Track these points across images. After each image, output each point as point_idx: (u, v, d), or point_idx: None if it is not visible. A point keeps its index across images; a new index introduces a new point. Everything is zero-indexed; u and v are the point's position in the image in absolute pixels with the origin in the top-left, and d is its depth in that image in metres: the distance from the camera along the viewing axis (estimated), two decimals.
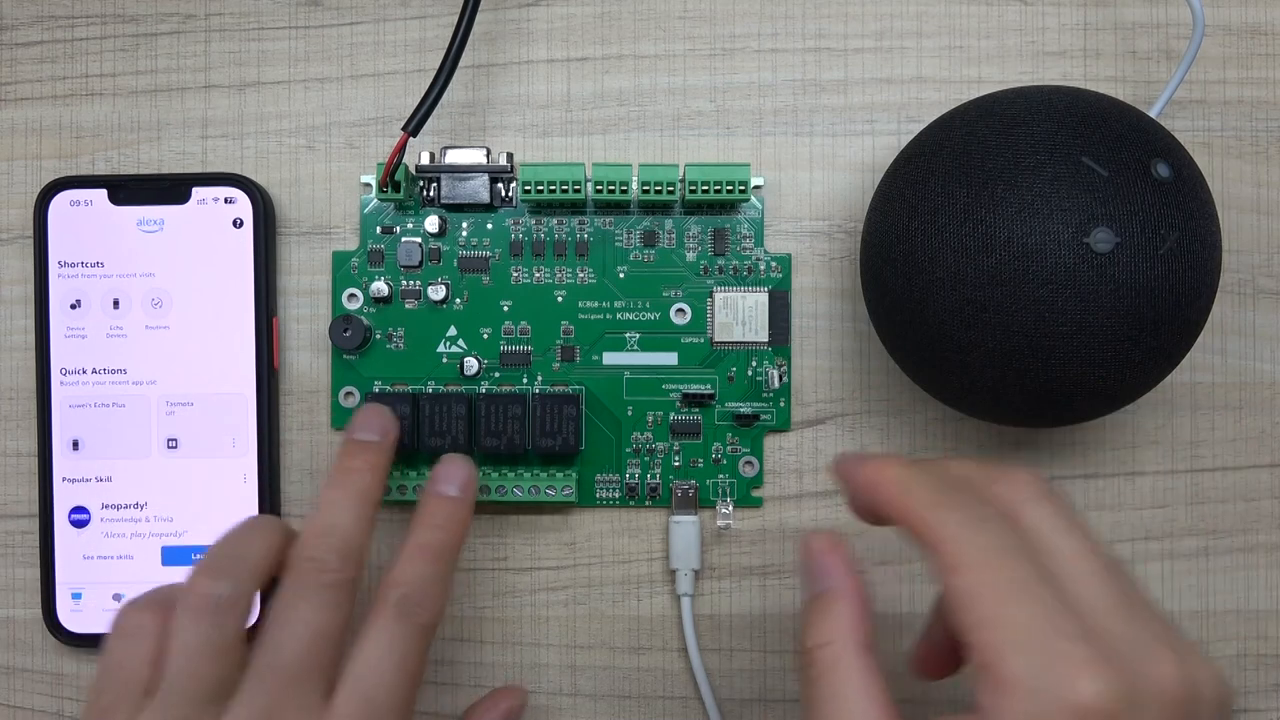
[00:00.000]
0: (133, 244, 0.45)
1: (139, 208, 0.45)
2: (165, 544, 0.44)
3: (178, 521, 0.44)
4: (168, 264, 0.44)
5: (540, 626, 0.45)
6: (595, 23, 0.46)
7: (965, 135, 0.38)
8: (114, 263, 0.45)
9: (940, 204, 0.37)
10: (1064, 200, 0.35)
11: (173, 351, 0.44)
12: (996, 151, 0.36)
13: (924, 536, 0.31)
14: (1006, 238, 0.35)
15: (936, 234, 0.37)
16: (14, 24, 0.46)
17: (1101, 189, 0.35)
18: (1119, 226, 0.35)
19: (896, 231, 0.38)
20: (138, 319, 0.44)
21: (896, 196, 0.39)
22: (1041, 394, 0.37)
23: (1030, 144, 0.36)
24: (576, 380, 0.45)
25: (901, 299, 0.38)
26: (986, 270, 0.36)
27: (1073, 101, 0.37)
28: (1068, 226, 0.35)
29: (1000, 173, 0.36)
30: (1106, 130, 0.36)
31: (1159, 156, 0.36)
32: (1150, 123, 0.38)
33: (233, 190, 0.44)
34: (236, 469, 0.44)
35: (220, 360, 0.44)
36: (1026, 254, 0.35)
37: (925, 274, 0.37)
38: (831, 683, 0.31)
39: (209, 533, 0.44)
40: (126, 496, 0.45)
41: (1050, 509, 0.31)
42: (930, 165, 0.38)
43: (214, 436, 0.44)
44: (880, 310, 0.40)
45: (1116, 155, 0.36)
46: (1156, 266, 0.35)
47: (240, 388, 0.44)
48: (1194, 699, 0.29)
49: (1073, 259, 0.35)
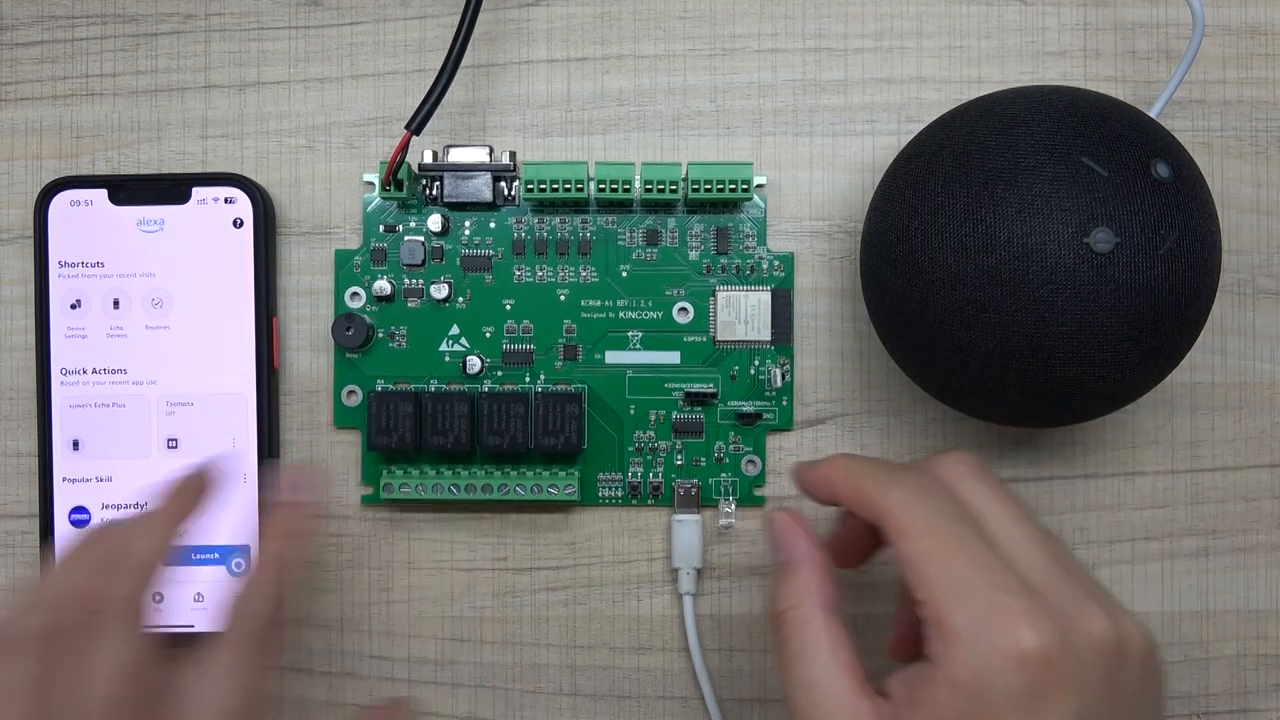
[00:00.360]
0: (133, 244, 0.44)
1: (139, 208, 0.44)
2: None
3: None
4: (168, 264, 0.44)
5: (540, 626, 0.45)
6: (595, 23, 0.46)
7: (965, 135, 0.38)
8: (114, 263, 0.44)
9: (940, 204, 0.37)
10: (1064, 200, 0.35)
11: (173, 351, 0.44)
12: (996, 151, 0.36)
13: (874, 510, 0.33)
14: (1006, 238, 0.35)
15: (936, 234, 0.37)
16: (14, 24, 0.46)
17: (1101, 189, 0.35)
18: (1119, 226, 0.35)
19: (896, 231, 0.38)
20: (138, 319, 0.44)
21: (896, 196, 0.39)
22: (1041, 394, 0.37)
23: (1030, 144, 0.36)
24: (579, 379, 0.45)
25: (901, 299, 0.38)
26: (986, 270, 0.36)
27: (1073, 101, 0.37)
28: (1068, 226, 0.35)
29: (1000, 173, 0.36)
30: (1106, 130, 0.36)
31: (1159, 156, 0.36)
32: (1150, 123, 0.38)
33: (233, 190, 0.44)
34: (236, 469, 0.44)
35: (220, 360, 0.44)
36: (1026, 254, 0.35)
37: (925, 274, 0.37)
38: (801, 641, 0.34)
39: (208, 533, 0.44)
40: (127, 496, 0.44)
41: (985, 484, 0.34)
42: (930, 165, 0.38)
43: (214, 436, 0.44)
44: (880, 310, 0.40)
45: (1116, 155, 0.36)
46: (1156, 266, 0.35)
47: (240, 388, 0.44)
48: (1123, 648, 0.31)
49: (1073, 259, 0.35)
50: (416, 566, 0.45)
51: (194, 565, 0.44)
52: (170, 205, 0.44)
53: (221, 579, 0.44)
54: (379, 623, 0.45)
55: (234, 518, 0.44)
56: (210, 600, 0.44)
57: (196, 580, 0.44)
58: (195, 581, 0.44)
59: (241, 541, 0.44)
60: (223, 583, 0.44)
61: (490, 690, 0.45)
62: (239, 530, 0.44)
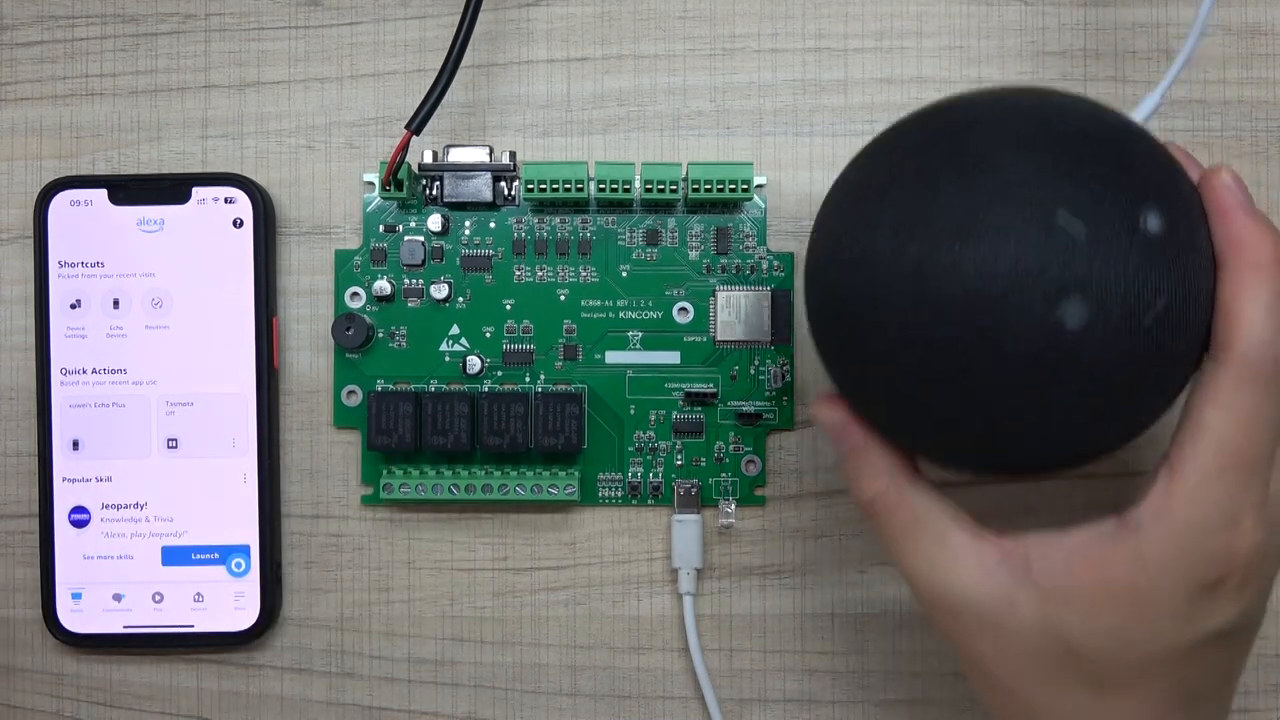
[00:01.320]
0: (133, 244, 0.44)
1: (139, 208, 0.44)
2: (165, 544, 0.44)
3: (178, 521, 0.44)
4: (168, 264, 0.44)
5: (540, 626, 0.45)
6: (595, 23, 0.46)
7: (917, 169, 0.32)
8: (114, 262, 0.44)
9: (888, 256, 0.31)
10: (1031, 262, 0.29)
11: (173, 351, 0.44)
12: (956, 199, 0.30)
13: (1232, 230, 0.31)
14: (963, 309, 0.30)
15: (883, 290, 0.31)
16: (14, 24, 0.46)
17: (1077, 250, 0.29)
18: (1095, 294, 0.29)
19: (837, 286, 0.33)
20: (138, 319, 0.44)
21: (841, 231, 0.33)
22: (993, 467, 0.35)
23: (995, 190, 0.30)
24: (579, 379, 0.45)
25: (844, 355, 0.34)
26: (936, 348, 0.30)
27: (1050, 127, 0.31)
28: (1035, 297, 0.29)
29: (955, 227, 0.30)
30: (1091, 170, 0.30)
31: (1151, 204, 0.30)
32: (1145, 149, 0.32)
33: (233, 190, 0.44)
34: (236, 469, 0.44)
35: (220, 360, 0.44)
36: (983, 332, 0.30)
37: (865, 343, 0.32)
38: (901, 518, 0.34)
39: (209, 533, 0.44)
40: (127, 496, 0.44)
41: None
42: (880, 206, 0.32)
43: (214, 436, 0.44)
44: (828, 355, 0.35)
45: (1099, 207, 0.30)
46: (1139, 339, 0.30)
47: (240, 388, 0.44)
48: None
49: (1039, 336, 0.29)
50: (416, 566, 0.45)
51: (194, 565, 0.44)
52: (170, 205, 0.44)
53: (222, 579, 0.44)
54: (379, 623, 0.45)
55: (234, 516, 0.44)
56: (210, 601, 0.44)
57: (196, 580, 0.44)
58: (195, 581, 0.44)
59: (241, 542, 0.44)
60: (223, 583, 0.44)
61: (490, 690, 0.45)
62: (239, 530, 0.44)
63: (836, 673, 0.45)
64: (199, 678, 0.45)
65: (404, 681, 0.45)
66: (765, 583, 0.45)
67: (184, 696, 0.45)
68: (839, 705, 0.45)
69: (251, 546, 0.44)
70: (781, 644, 0.45)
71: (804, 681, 0.45)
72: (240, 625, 0.44)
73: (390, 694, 0.45)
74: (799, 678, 0.45)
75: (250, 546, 0.44)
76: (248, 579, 0.44)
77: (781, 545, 0.45)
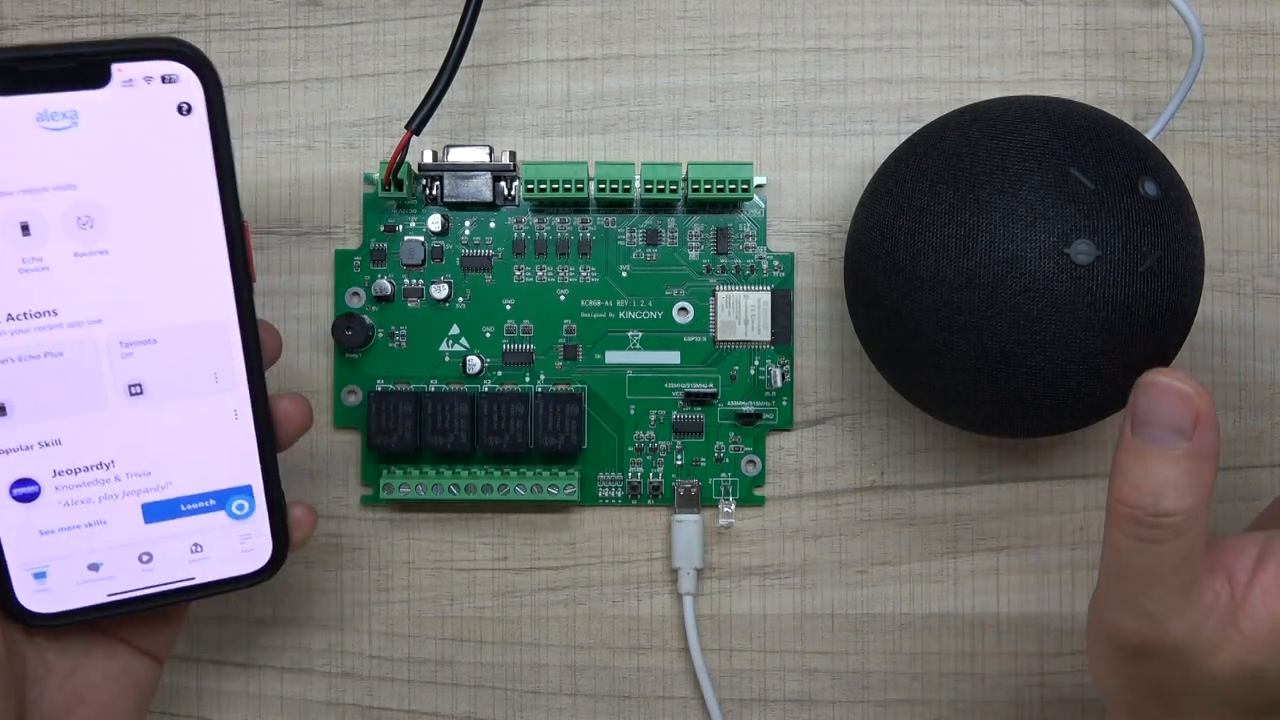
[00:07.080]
0: (35, 147, 0.33)
1: (35, 95, 0.33)
2: (146, 500, 0.37)
3: (157, 474, 0.37)
4: (91, 170, 0.34)
5: (540, 626, 0.45)
6: (595, 23, 0.46)
7: (957, 139, 0.38)
8: (11, 175, 0.33)
9: (926, 204, 0.37)
10: (1048, 209, 0.35)
11: (117, 282, 0.35)
12: (986, 156, 0.36)
13: None
14: (988, 242, 0.35)
15: (920, 233, 0.37)
16: (14, 24, 0.46)
17: (1087, 201, 0.35)
18: (1101, 240, 0.35)
19: (880, 229, 0.38)
20: (60, 246, 0.34)
21: (884, 194, 0.39)
22: (1010, 401, 0.37)
23: (1020, 151, 0.36)
24: (579, 379, 0.45)
25: (880, 296, 0.38)
26: (964, 272, 0.36)
27: (1067, 113, 0.37)
28: (1050, 235, 0.35)
29: (987, 177, 0.36)
30: (1098, 144, 0.36)
31: (1148, 174, 0.36)
32: (1143, 140, 0.38)
33: (172, 65, 0.33)
34: (224, 405, 0.37)
35: (185, 284, 0.35)
36: (1006, 259, 0.35)
37: (904, 272, 0.37)
38: (1181, 547, 0.31)
39: (199, 480, 0.37)
40: (85, 458, 0.36)
41: None
42: (920, 166, 0.38)
43: (191, 374, 0.36)
44: (859, 308, 0.40)
45: (1105, 169, 0.36)
46: (1136, 283, 0.35)
47: (215, 314, 0.36)
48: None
49: (1052, 268, 0.35)
50: (416, 566, 0.45)
51: (186, 517, 0.38)
52: (83, 90, 0.33)
53: (221, 524, 0.38)
54: (379, 623, 0.45)
55: (229, 457, 0.37)
56: (211, 549, 0.38)
57: (191, 532, 0.38)
58: (189, 533, 0.38)
59: (241, 482, 0.38)
60: (223, 528, 0.38)
61: (490, 690, 0.45)
62: (237, 470, 0.38)
63: (836, 673, 0.45)
64: (199, 678, 0.45)
65: (403, 681, 0.45)
66: (765, 583, 0.45)
67: (184, 696, 0.45)
68: (839, 705, 0.45)
69: (254, 485, 0.38)
70: (781, 644, 0.45)
71: (804, 681, 0.45)
72: (252, 566, 0.38)
73: (390, 694, 0.45)
74: (799, 678, 0.45)
75: (253, 486, 0.38)
76: (253, 519, 0.38)
77: (781, 545, 0.45)
